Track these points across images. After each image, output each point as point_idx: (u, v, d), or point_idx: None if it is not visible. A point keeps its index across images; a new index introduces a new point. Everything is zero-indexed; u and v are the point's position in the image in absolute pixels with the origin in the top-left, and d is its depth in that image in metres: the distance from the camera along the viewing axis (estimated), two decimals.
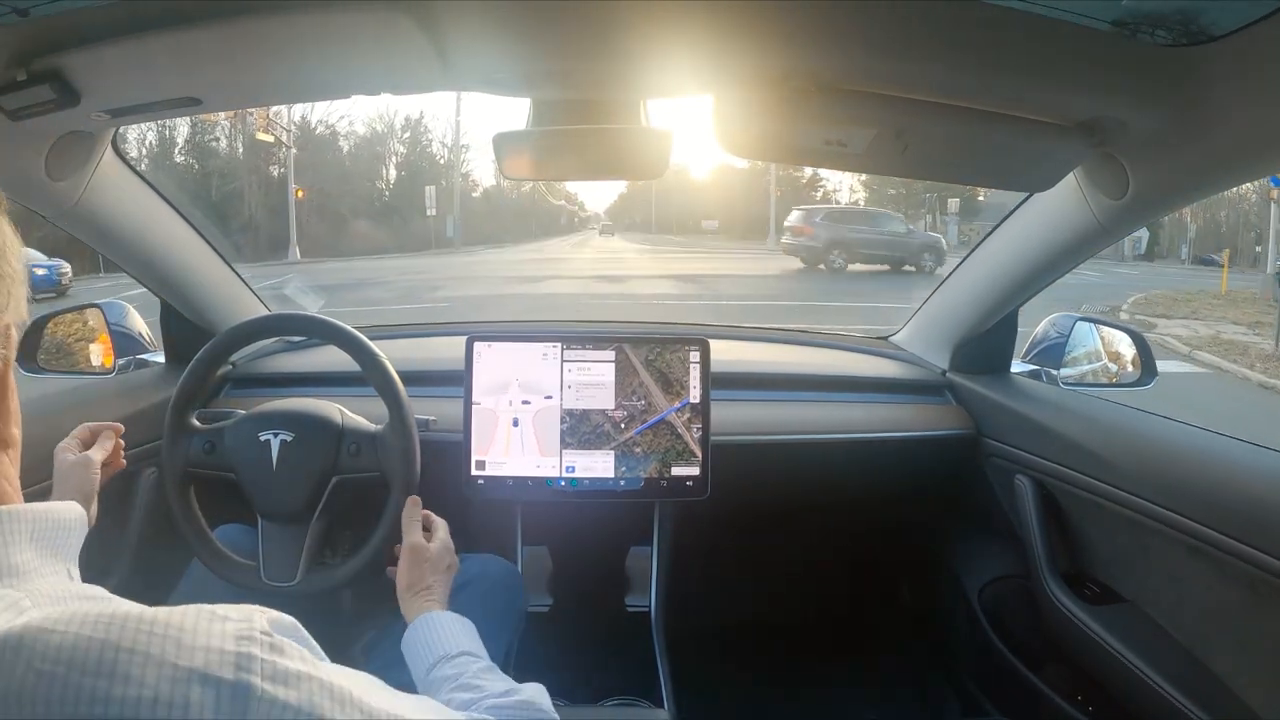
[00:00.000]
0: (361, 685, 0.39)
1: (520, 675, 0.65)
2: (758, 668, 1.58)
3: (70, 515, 0.41)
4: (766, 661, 1.59)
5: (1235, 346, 7.19)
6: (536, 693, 0.62)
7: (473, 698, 0.60)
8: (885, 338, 1.56)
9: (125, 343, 1.32)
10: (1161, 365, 1.26)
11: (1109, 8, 0.56)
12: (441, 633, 0.71)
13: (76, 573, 0.41)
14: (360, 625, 1.10)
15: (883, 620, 1.69)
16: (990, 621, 1.30)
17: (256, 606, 0.38)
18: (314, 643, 0.40)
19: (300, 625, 0.40)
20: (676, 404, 1.07)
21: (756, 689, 1.53)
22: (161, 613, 0.34)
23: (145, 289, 1.21)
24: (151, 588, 1.01)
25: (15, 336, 0.40)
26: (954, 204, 24.00)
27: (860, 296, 9.96)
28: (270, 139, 21.08)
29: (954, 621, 1.41)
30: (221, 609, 0.36)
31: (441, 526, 0.87)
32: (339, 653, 0.47)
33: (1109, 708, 1.02)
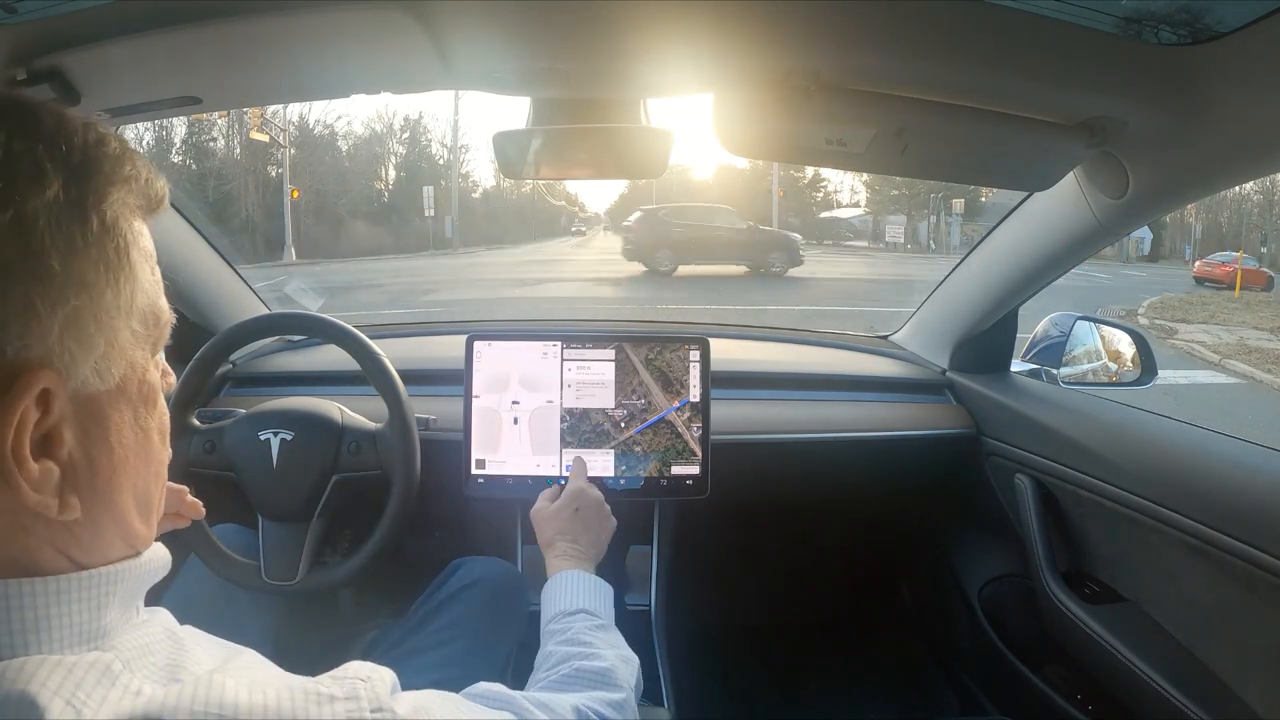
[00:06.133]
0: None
1: (522, 676, 0.65)
2: (758, 666, 1.58)
3: (159, 563, 0.40)
4: (766, 660, 1.59)
5: (1265, 354, 6.99)
6: (621, 664, 0.63)
7: (575, 651, 0.64)
8: (885, 336, 1.56)
9: None
10: (1195, 375, 1.27)
11: (1111, 6, 0.56)
12: (568, 589, 0.75)
13: (142, 603, 0.40)
14: (360, 626, 1.10)
15: (883, 619, 1.70)
16: (990, 620, 1.30)
17: (355, 670, 0.38)
18: (402, 694, 0.40)
19: (395, 676, 0.40)
20: (676, 403, 1.07)
21: (756, 688, 1.53)
22: (271, 698, 0.34)
23: None
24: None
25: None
26: (958, 204, 23.99)
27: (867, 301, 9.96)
28: (265, 138, 21.02)
29: (954, 620, 1.41)
30: (325, 686, 0.36)
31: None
32: (339, 654, 0.46)
33: (1108, 706, 1.02)
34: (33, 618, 0.31)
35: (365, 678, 0.38)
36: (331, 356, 1.19)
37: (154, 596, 0.41)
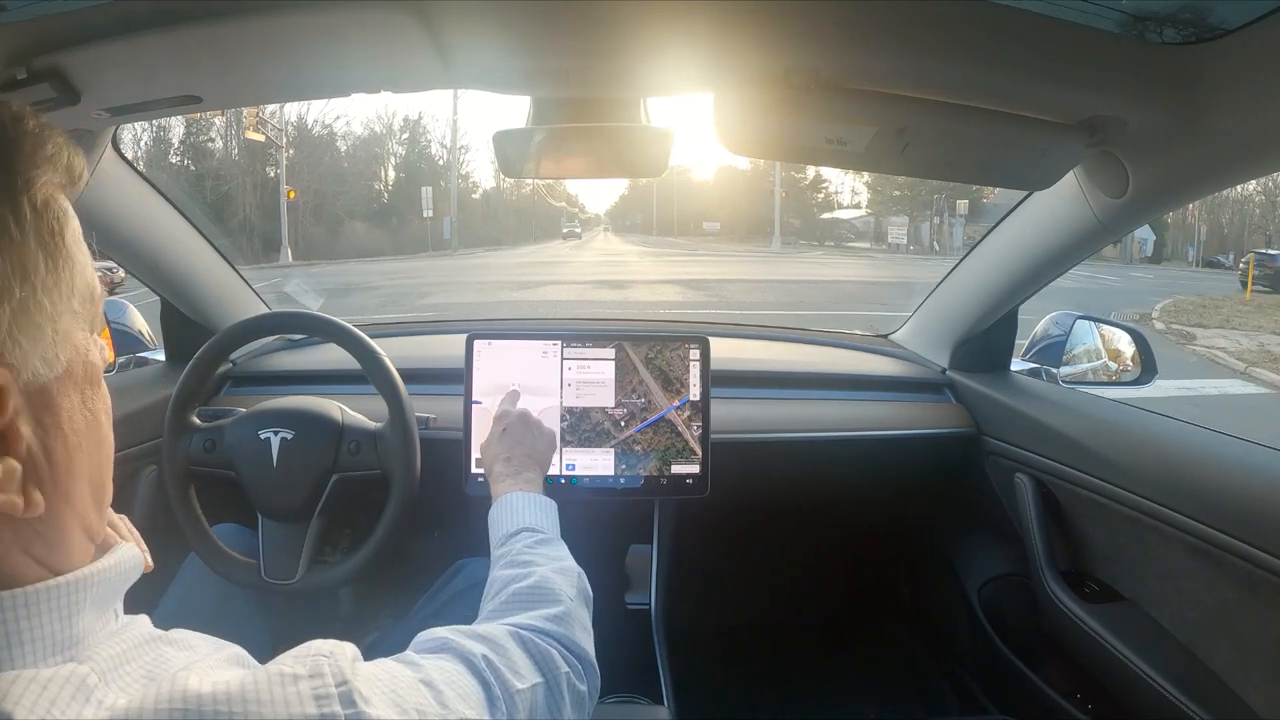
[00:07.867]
0: (439, 696, 0.42)
1: None
2: (758, 665, 1.58)
3: (130, 564, 0.39)
4: (766, 659, 1.59)
5: None
6: (556, 577, 0.64)
7: (512, 574, 0.64)
8: (885, 335, 1.56)
9: (125, 340, 1.32)
10: (1222, 385, 1.25)
11: (1114, 5, 0.56)
12: (508, 511, 0.75)
13: (121, 608, 0.39)
14: (361, 628, 1.10)
15: (882, 618, 1.69)
16: (990, 619, 1.30)
17: (316, 647, 0.38)
18: (363, 664, 0.39)
19: (358, 650, 0.40)
20: (676, 402, 1.07)
21: (756, 687, 1.53)
22: (234, 685, 0.33)
23: (145, 287, 1.21)
24: (148, 587, 1.01)
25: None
26: (963, 205, 24.08)
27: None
28: (260, 138, 21.01)
29: (953, 619, 1.41)
30: (289, 666, 0.36)
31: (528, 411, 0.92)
32: None
33: (1108, 706, 1.02)
34: (2, 633, 0.31)
35: (328, 654, 0.37)
36: (331, 355, 1.19)
37: (154, 597, 0.40)
